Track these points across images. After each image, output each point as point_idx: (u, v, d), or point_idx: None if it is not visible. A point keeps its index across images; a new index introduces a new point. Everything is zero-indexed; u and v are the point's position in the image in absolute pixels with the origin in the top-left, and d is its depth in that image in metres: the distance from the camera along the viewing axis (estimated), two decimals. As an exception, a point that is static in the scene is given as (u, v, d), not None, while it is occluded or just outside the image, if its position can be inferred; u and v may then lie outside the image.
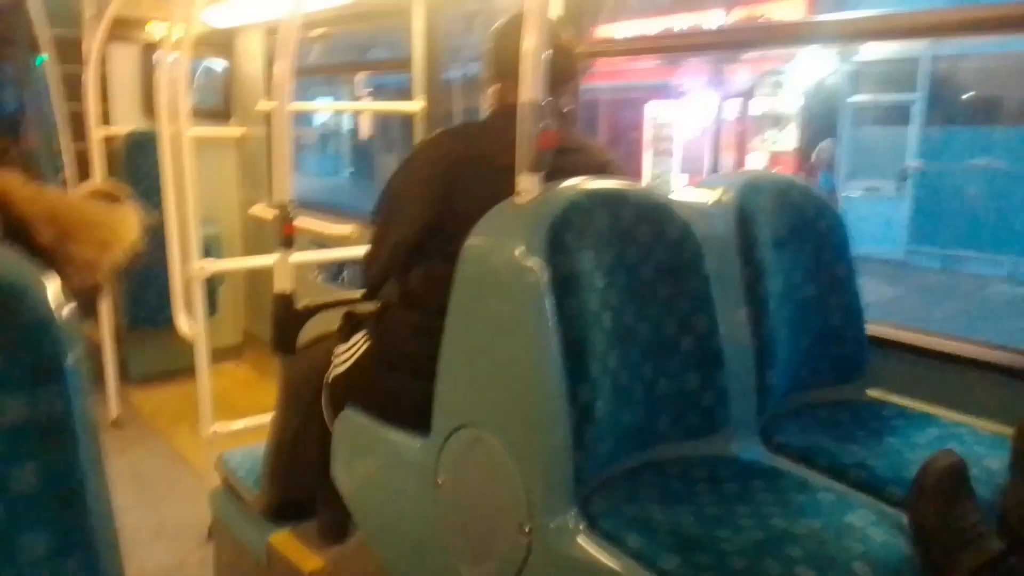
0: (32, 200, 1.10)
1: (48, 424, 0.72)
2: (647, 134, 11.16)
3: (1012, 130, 9.06)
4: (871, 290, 7.77)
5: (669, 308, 1.36)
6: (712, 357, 1.39)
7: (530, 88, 1.26)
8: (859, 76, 10.26)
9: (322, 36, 4.27)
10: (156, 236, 1.59)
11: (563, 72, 1.55)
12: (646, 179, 9.69)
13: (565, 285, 1.22)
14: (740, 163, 10.05)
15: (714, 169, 10.32)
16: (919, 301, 8.17)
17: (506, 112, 1.54)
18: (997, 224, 8.61)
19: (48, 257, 1.08)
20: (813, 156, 8.56)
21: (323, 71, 7.40)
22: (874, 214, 9.58)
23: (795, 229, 1.67)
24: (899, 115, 10.19)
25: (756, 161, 10.38)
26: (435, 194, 1.51)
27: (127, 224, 1.26)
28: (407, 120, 3.31)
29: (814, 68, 9.20)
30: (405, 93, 3.24)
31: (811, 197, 1.72)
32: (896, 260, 8.79)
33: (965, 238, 8.91)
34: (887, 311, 7.48)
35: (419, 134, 3.25)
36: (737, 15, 9.28)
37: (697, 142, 10.82)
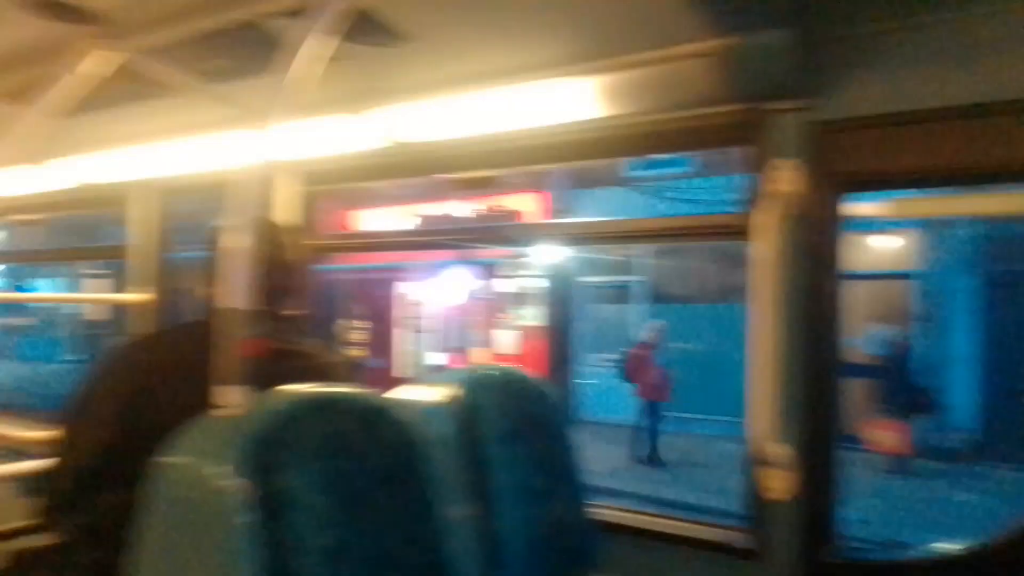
0: None
1: None
2: (396, 312, 11.40)
3: (710, 306, 10.75)
4: (620, 454, 8.50)
5: (390, 520, 1.28)
6: (437, 568, 1.32)
7: (232, 294, 1.19)
8: (592, 261, 11.55)
9: (38, 221, 3.90)
10: None
11: (285, 276, 1.50)
12: (397, 356, 9.77)
13: (271, 506, 1.11)
14: (487, 339, 10.53)
15: (462, 344, 10.71)
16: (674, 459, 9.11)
17: (216, 316, 1.44)
18: (711, 390, 9.66)
19: None
20: (646, 336, 9.33)
21: (37, 258, 6.76)
22: (608, 385, 10.43)
23: (522, 421, 1.70)
24: (623, 295, 11.87)
25: (505, 336, 10.94)
26: (118, 413, 1.35)
27: None
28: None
29: (553, 252, 10.09)
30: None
31: (532, 388, 1.78)
32: (630, 424, 9.46)
33: (690, 403, 9.88)
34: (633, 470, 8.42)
35: (145, 324, 3.00)
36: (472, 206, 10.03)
37: (447, 318, 11.23)
